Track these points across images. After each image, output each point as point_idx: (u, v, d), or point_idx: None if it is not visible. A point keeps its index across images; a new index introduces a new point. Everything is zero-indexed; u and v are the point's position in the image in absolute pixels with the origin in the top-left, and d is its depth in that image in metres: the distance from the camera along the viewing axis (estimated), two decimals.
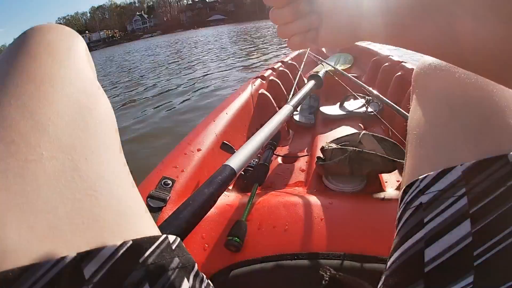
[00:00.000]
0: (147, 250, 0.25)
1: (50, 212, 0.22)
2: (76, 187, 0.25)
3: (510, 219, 0.28)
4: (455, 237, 0.30)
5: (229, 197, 0.84)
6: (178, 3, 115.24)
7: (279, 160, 1.28)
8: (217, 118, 1.25)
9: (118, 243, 0.23)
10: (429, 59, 0.49)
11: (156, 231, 0.29)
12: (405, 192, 0.39)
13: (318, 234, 0.63)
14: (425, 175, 0.36)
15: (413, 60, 1.94)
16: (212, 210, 0.71)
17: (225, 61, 7.49)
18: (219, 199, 0.60)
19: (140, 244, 0.25)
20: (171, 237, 0.29)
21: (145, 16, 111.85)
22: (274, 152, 1.03)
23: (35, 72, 0.31)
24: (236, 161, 0.67)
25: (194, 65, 6.68)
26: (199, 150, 0.99)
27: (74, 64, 0.36)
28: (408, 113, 0.99)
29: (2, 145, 0.24)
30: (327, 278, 0.29)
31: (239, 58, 7.61)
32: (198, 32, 42.84)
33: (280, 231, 0.65)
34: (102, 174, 0.27)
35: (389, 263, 0.37)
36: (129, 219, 0.27)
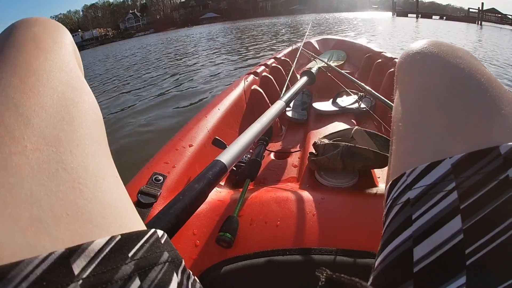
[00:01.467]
0: (136, 245, 0.25)
1: (34, 204, 0.22)
2: (60, 179, 0.24)
3: (503, 215, 0.27)
4: (445, 234, 0.29)
5: (221, 193, 0.84)
6: (171, 1, 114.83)
7: (272, 155, 1.28)
8: (209, 114, 1.24)
9: (107, 237, 0.23)
10: (413, 48, 0.47)
11: (141, 224, 0.29)
12: (391, 187, 0.38)
13: (310, 229, 0.63)
14: (412, 169, 0.35)
15: None
16: (204, 206, 0.71)
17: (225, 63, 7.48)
18: (210, 194, 0.60)
19: (129, 239, 0.25)
20: (159, 232, 0.29)
21: (138, 14, 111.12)
22: (267, 148, 1.03)
23: (20, 65, 0.31)
24: (227, 156, 0.66)
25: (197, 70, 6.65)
26: (190, 145, 0.99)
27: (59, 57, 0.35)
28: None
29: None
30: (323, 280, 0.28)
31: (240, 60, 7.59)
32: (191, 30, 42.66)
33: (272, 226, 0.64)
34: (87, 167, 0.27)
35: (376, 263, 0.35)
36: (114, 212, 0.26)
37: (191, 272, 0.32)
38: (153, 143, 2.82)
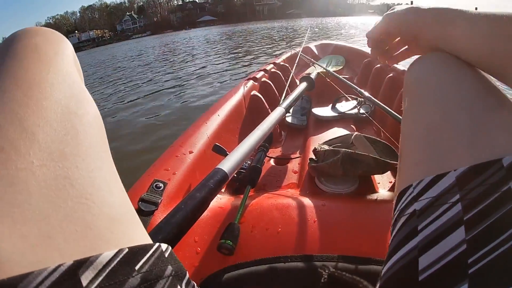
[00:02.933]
0: (142, 258, 0.25)
1: (42, 220, 0.22)
2: (67, 195, 0.24)
3: (504, 226, 0.27)
4: (449, 244, 0.29)
5: (221, 200, 0.84)
6: (168, 3, 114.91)
7: (272, 162, 1.28)
8: (209, 120, 1.24)
9: (114, 250, 0.23)
10: (420, 61, 0.48)
11: (146, 238, 0.29)
12: (399, 198, 0.39)
13: (311, 236, 0.63)
14: (418, 181, 0.35)
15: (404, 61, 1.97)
16: (205, 213, 0.70)
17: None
18: (212, 201, 0.60)
19: (136, 252, 0.25)
20: (163, 245, 0.29)
21: (135, 16, 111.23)
22: (267, 154, 1.03)
23: (22, 77, 0.31)
24: (228, 164, 0.66)
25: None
26: (191, 152, 0.99)
27: (62, 69, 0.35)
28: (400, 114, 1.00)
29: None
30: (326, 276, 0.29)
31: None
32: (190, 33, 42.63)
33: (273, 233, 0.64)
34: (93, 182, 0.27)
35: (383, 271, 0.36)
36: (120, 226, 0.26)
37: (195, 284, 0.32)
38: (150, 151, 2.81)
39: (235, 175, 0.88)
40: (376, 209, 0.71)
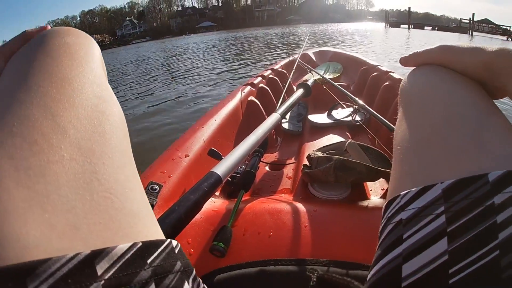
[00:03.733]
0: (154, 252, 0.26)
1: (70, 211, 0.23)
2: (94, 189, 0.26)
3: (487, 239, 0.28)
4: (432, 254, 0.30)
5: (215, 203, 0.85)
6: (168, 9, 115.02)
7: (266, 167, 1.29)
8: (205, 125, 1.25)
9: (129, 243, 0.25)
10: (416, 72, 0.50)
11: (160, 234, 0.31)
12: (387, 207, 0.40)
13: (302, 240, 0.64)
14: (406, 191, 0.36)
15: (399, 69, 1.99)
16: (198, 215, 0.71)
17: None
18: (205, 205, 0.60)
19: (148, 246, 0.26)
20: (174, 242, 0.31)
21: (135, 21, 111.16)
22: (261, 159, 1.04)
23: (56, 74, 0.32)
24: (222, 168, 0.67)
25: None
26: (187, 156, 1.00)
27: (91, 69, 0.36)
28: (393, 123, 1.01)
29: (26, 144, 0.25)
30: (314, 279, 0.29)
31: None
32: (190, 38, 42.58)
33: (264, 237, 0.65)
34: (117, 178, 0.28)
35: (369, 276, 0.37)
36: (139, 221, 0.28)
37: (200, 280, 0.33)
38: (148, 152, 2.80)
39: (230, 179, 0.89)
40: (367, 215, 0.73)
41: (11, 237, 0.20)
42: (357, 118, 1.52)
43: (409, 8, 41.18)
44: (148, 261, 0.25)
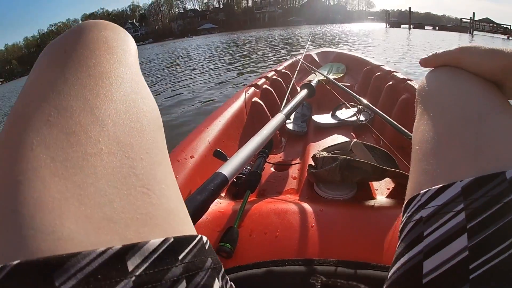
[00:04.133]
0: (185, 248, 0.26)
1: (107, 205, 0.23)
2: (131, 183, 0.25)
3: (505, 235, 0.29)
4: (452, 250, 0.31)
5: (221, 204, 0.85)
6: (170, 11, 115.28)
7: (272, 167, 1.29)
8: (210, 126, 1.25)
9: (161, 239, 0.24)
10: (434, 73, 0.50)
11: (193, 230, 0.30)
12: (407, 205, 0.40)
13: (309, 240, 0.63)
14: (426, 190, 0.37)
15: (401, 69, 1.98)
16: (204, 217, 0.72)
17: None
18: (211, 205, 0.60)
19: (180, 242, 0.26)
20: (204, 238, 0.30)
21: (137, 24, 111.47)
22: (267, 160, 1.04)
23: (95, 67, 0.31)
24: (228, 168, 0.67)
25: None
26: (192, 157, 1.00)
27: (130, 65, 0.36)
28: (398, 122, 1.00)
29: (63, 135, 0.24)
30: (318, 286, 0.29)
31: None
32: (192, 40, 42.58)
33: (271, 237, 0.65)
34: (155, 174, 0.28)
35: (390, 273, 0.37)
36: (175, 218, 0.28)
37: (228, 278, 0.33)
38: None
39: (235, 180, 0.89)
40: (373, 215, 0.72)
41: (44, 229, 0.19)
42: (362, 118, 1.52)
43: (410, 8, 41.22)
44: (180, 258, 0.25)
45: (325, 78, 1.96)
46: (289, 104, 1.29)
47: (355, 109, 1.58)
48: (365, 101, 1.35)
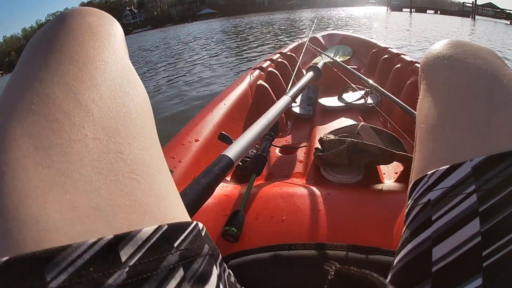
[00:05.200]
0: (181, 235, 0.25)
1: (93, 192, 0.22)
2: (119, 169, 0.24)
3: None
4: (463, 236, 0.29)
5: (227, 188, 0.84)
6: None
7: (277, 151, 1.28)
8: (215, 109, 1.24)
9: (154, 226, 0.23)
10: (437, 48, 0.47)
11: (187, 217, 0.29)
12: (413, 188, 0.38)
13: (316, 224, 0.63)
14: (433, 170, 0.35)
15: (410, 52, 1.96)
16: (210, 200, 0.72)
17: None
18: (217, 189, 0.60)
19: (175, 229, 0.25)
20: (200, 224, 0.29)
21: (135, 11, 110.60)
22: (273, 143, 1.03)
23: (77, 53, 0.31)
24: (233, 151, 0.66)
25: None
26: (197, 140, 0.99)
27: (114, 49, 0.35)
28: (407, 104, 0.98)
29: (45, 122, 0.24)
30: (332, 273, 0.28)
31: None
32: (192, 26, 42.30)
33: (277, 221, 0.65)
34: (144, 159, 0.27)
35: (396, 260, 0.36)
36: (168, 204, 0.27)
37: (226, 265, 0.32)
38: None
39: (240, 163, 0.89)
40: (381, 199, 0.71)
41: (29, 220, 0.19)
42: (369, 100, 1.50)
43: None
44: (175, 245, 0.24)
45: (331, 60, 1.93)
46: (294, 87, 1.27)
47: (362, 91, 1.55)
48: (373, 83, 1.33)
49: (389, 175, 0.97)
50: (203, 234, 0.29)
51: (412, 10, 33.27)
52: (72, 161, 0.22)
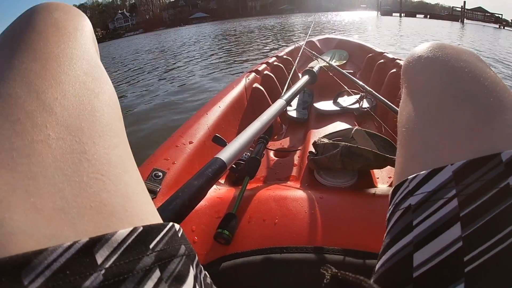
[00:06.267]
0: (156, 237, 0.25)
1: (57, 194, 0.22)
2: (84, 170, 0.24)
3: (503, 223, 0.27)
4: (445, 241, 0.29)
5: (220, 190, 0.84)
6: (161, 0, 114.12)
7: (272, 154, 1.28)
8: (210, 111, 1.24)
9: (129, 228, 0.23)
10: (418, 51, 0.47)
11: (158, 217, 0.29)
12: (394, 192, 0.38)
13: (308, 228, 0.63)
14: (414, 175, 0.35)
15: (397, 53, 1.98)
16: (203, 203, 0.72)
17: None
18: (210, 191, 0.60)
19: (150, 230, 0.25)
20: (176, 226, 0.29)
21: (127, 14, 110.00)
22: (267, 146, 1.03)
23: (41, 50, 0.30)
24: (226, 154, 0.67)
25: None
26: (191, 142, 0.99)
27: (80, 45, 0.35)
28: None
29: (7, 123, 0.23)
30: (328, 277, 0.28)
31: None
32: (185, 30, 42.19)
33: (270, 224, 0.65)
34: (109, 159, 0.27)
35: (378, 266, 0.36)
36: (134, 205, 0.26)
37: (202, 267, 0.32)
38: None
39: (234, 166, 0.89)
40: (374, 203, 0.71)
41: None
42: (364, 105, 1.51)
43: None
44: (151, 246, 0.24)
45: (327, 64, 1.95)
46: (290, 90, 1.27)
47: (357, 96, 1.56)
48: (368, 87, 1.34)
49: (382, 179, 0.98)
50: (179, 235, 0.28)
51: (402, 14, 33.80)
52: (35, 163, 0.22)
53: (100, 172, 0.25)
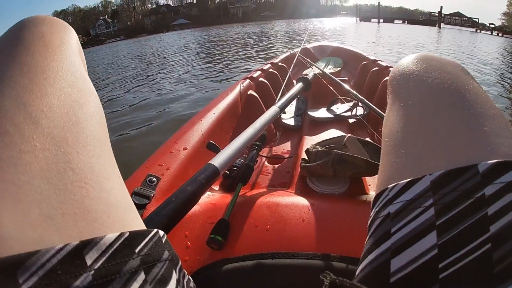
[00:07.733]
0: (141, 242, 0.27)
1: (43, 201, 0.23)
2: (68, 178, 0.26)
3: (477, 232, 0.28)
4: (421, 248, 0.30)
5: (213, 196, 0.84)
6: (142, 7, 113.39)
7: (265, 161, 1.29)
8: (204, 118, 1.25)
9: (116, 233, 0.25)
10: (404, 62, 0.49)
11: (141, 223, 0.31)
12: (375, 200, 0.39)
13: (299, 234, 0.64)
14: (394, 184, 0.36)
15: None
16: (196, 208, 0.73)
17: None
18: (203, 197, 0.62)
19: (136, 236, 0.27)
20: (161, 232, 0.31)
21: (109, 20, 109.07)
22: (260, 153, 1.04)
23: (28, 64, 0.32)
24: (219, 160, 0.68)
25: None
26: (185, 149, 1.00)
27: (66, 57, 0.36)
28: None
29: None
30: (327, 284, 0.28)
31: None
32: (167, 36, 41.90)
33: (262, 230, 0.65)
34: (92, 167, 0.28)
35: (358, 270, 0.37)
36: (117, 211, 0.28)
37: (185, 271, 0.34)
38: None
39: (228, 172, 0.90)
40: (365, 210, 0.72)
41: None
42: (357, 112, 1.53)
43: (379, 2, 43.12)
44: (136, 250, 0.26)
45: (321, 72, 1.96)
46: (284, 97, 1.29)
47: (351, 104, 1.58)
48: (360, 96, 1.36)
49: (374, 186, 0.98)
50: (163, 241, 0.30)
51: (380, 20, 34.50)
52: (23, 172, 0.23)
53: (84, 180, 0.26)
